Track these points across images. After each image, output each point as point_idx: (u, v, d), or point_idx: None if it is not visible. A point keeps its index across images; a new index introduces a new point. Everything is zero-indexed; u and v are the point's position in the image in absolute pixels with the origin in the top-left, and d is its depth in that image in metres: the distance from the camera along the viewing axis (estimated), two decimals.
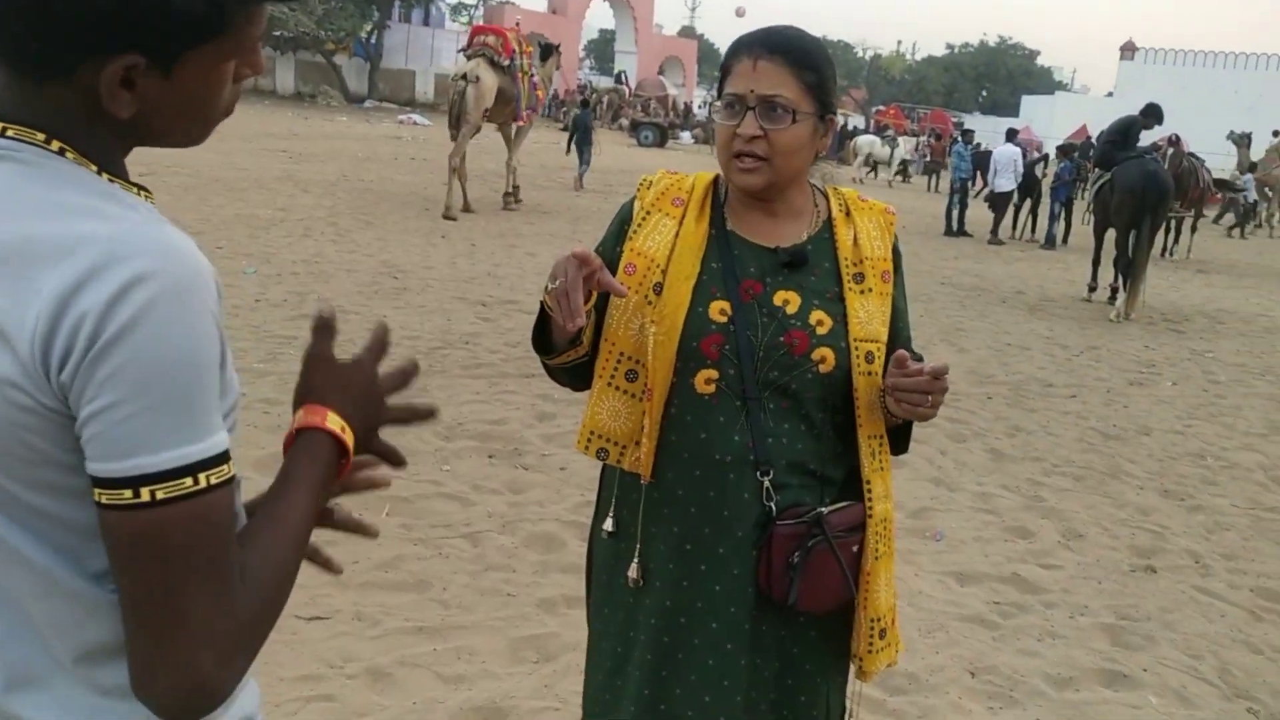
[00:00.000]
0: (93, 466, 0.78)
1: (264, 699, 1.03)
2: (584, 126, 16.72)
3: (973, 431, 5.60)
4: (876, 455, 1.60)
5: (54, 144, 0.84)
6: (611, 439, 1.59)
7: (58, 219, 0.80)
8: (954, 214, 15.73)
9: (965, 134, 18.26)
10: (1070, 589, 3.79)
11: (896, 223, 1.70)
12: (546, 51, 13.82)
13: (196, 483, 0.79)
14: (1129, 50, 49.48)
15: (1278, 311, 11.27)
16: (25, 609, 0.86)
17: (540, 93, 13.70)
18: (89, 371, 0.76)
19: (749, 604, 1.55)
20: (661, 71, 44.52)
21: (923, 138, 28.47)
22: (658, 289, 1.54)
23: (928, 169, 26.34)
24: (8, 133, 0.84)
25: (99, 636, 0.86)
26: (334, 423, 0.97)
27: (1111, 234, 10.10)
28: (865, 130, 34.56)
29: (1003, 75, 66.15)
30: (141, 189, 0.92)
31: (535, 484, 4.20)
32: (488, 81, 12.04)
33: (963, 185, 15.81)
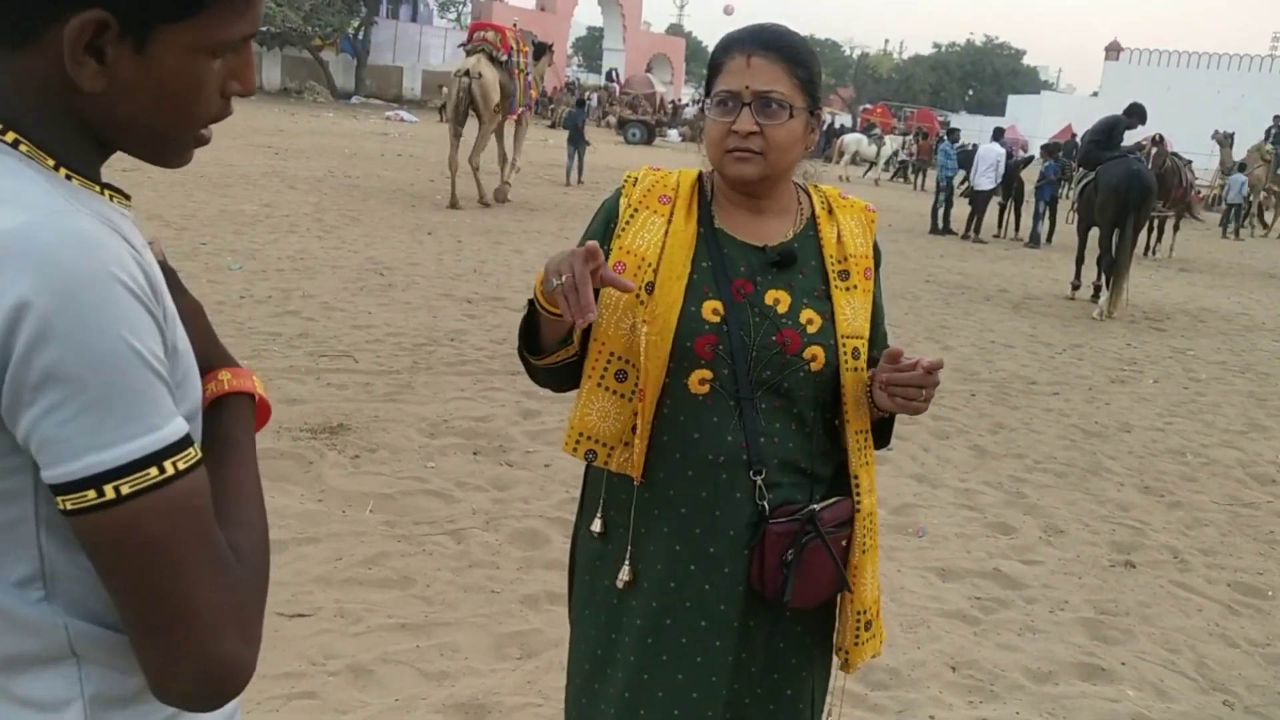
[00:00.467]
0: (47, 474, 0.75)
1: (244, 696, 1.04)
2: (577, 124, 17.02)
3: (956, 428, 5.63)
4: (863, 450, 1.62)
5: (9, 135, 0.80)
6: (601, 440, 1.58)
7: None
8: (939, 212, 15.81)
9: (951, 133, 18.33)
10: (1051, 584, 3.82)
11: (877, 220, 1.72)
12: (540, 50, 13.99)
13: (163, 471, 0.77)
14: (1114, 50, 49.76)
15: (1258, 310, 11.37)
16: None
17: (534, 91, 13.90)
18: (17, 379, 0.73)
19: (739, 602, 1.55)
20: (649, 69, 44.52)
21: (909, 136, 28.57)
22: (649, 288, 1.53)
23: (914, 168, 26.46)
24: None
25: (18, 648, 0.82)
26: (259, 386, 1.03)
27: (1095, 233, 10.18)
28: (853, 129, 34.69)
29: (989, 75, 66.46)
30: (112, 190, 0.87)
31: (520, 480, 4.21)
32: (490, 76, 12.07)
33: (948, 184, 15.88)
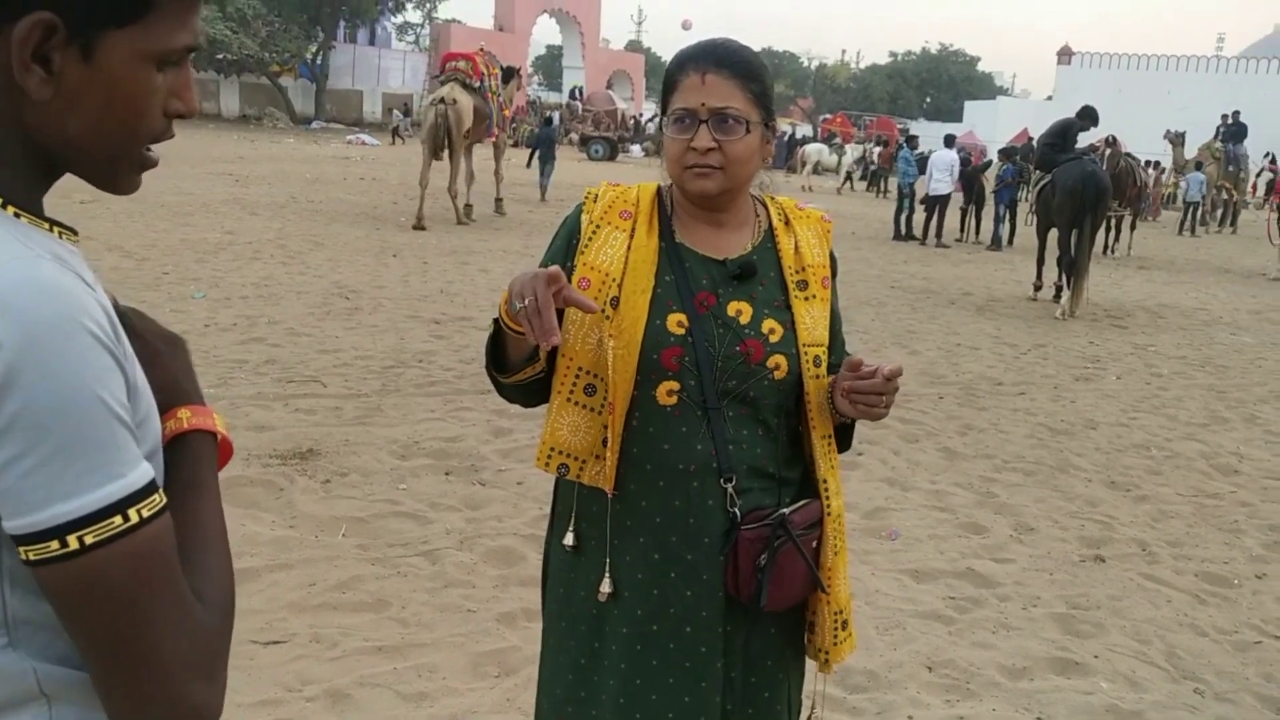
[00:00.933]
0: (10, 525, 0.74)
1: None
2: (548, 141, 17.31)
3: (925, 431, 5.69)
4: (828, 454, 1.66)
5: None
6: (572, 454, 1.59)
7: None
8: (902, 219, 15.98)
9: (910, 140, 18.57)
10: (1023, 581, 3.87)
11: (833, 229, 1.76)
12: (508, 74, 14.66)
13: (127, 519, 0.76)
14: (1066, 55, 50.56)
15: (1215, 305, 11.59)
16: None
17: (506, 112, 14.64)
18: None
19: (720, 608, 1.58)
20: (610, 86, 44.71)
21: (869, 145, 28.90)
22: (614, 303, 1.55)
23: (875, 176, 26.74)
24: None
25: None
26: (221, 424, 1.00)
27: (1054, 234, 10.34)
28: (814, 139, 35.00)
29: (945, 81, 67.40)
30: (60, 227, 0.85)
31: (493, 499, 4.20)
32: (464, 103, 12.56)
33: (910, 190, 16.06)
